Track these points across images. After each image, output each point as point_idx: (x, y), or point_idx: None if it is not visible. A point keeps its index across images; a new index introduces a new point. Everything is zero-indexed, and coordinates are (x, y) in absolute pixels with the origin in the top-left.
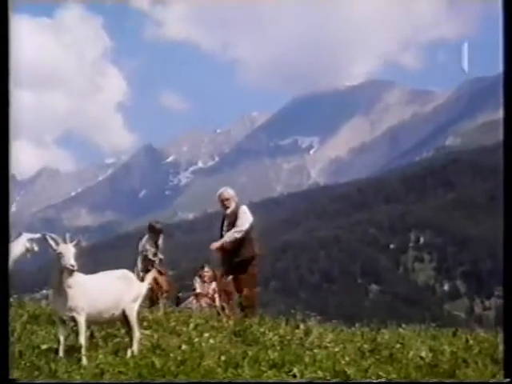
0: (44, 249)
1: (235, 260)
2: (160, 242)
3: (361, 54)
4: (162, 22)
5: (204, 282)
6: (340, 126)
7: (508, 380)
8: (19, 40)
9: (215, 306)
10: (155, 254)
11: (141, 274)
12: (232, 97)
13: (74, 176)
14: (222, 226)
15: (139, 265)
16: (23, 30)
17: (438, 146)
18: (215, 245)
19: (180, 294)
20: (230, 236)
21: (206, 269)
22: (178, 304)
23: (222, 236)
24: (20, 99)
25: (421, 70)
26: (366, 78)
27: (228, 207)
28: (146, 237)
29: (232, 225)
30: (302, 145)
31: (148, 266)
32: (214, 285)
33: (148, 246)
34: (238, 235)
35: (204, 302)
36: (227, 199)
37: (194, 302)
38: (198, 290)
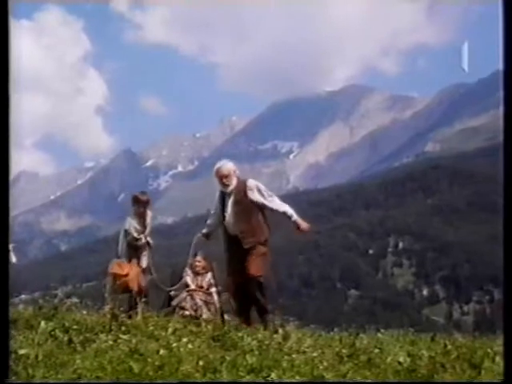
0: (23, 253)
1: (245, 246)
2: (148, 219)
3: (341, 59)
4: (142, 25)
5: (197, 273)
6: (319, 131)
7: (501, 380)
8: None
9: (213, 303)
10: (141, 233)
11: (123, 260)
12: (211, 101)
13: (53, 180)
14: (224, 205)
15: (121, 248)
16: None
17: (417, 151)
18: (305, 224)
19: (172, 293)
20: (293, 213)
21: (198, 258)
22: (169, 301)
23: (224, 217)
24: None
25: (400, 76)
26: (345, 83)
27: (228, 185)
28: (131, 213)
29: (238, 204)
30: (281, 149)
31: (131, 250)
32: (209, 276)
33: (133, 224)
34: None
35: (199, 298)
36: (226, 176)
37: (188, 299)
38: (191, 286)
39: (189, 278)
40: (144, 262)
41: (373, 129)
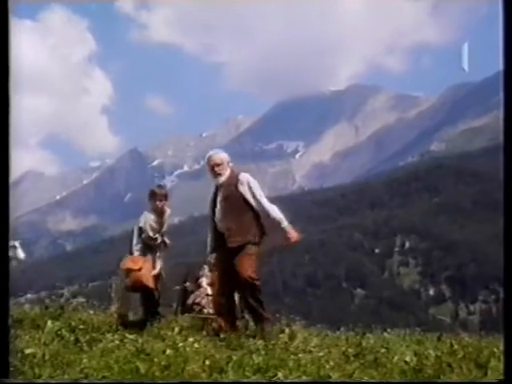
0: (29, 253)
1: (229, 245)
2: (166, 217)
3: (345, 58)
4: (147, 25)
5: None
6: (325, 130)
7: (497, 380)
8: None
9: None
10: (157, 233)
11: (136, 253)
12: (217, 100)
13: (58, 179)
14: (215, 199)
15: (135, 246)
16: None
17: (422, 151)
18: (294, 233)
19: (187, 284)
20: (284, 219)
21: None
22: (184, 298)
23: (214, 213)
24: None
25: (405, 74)
26: (350, 82)
27: (220, 174)
28: (148, 209)
29: (228, 198)
30: (287, 149)
31: (146, 250)
32: None
33: (150, 221)
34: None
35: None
36: (218, 165)
37: (206, 297)
38: (208, 289)
39: (205, 278)
40: (157, 265)
41: (378, 128)
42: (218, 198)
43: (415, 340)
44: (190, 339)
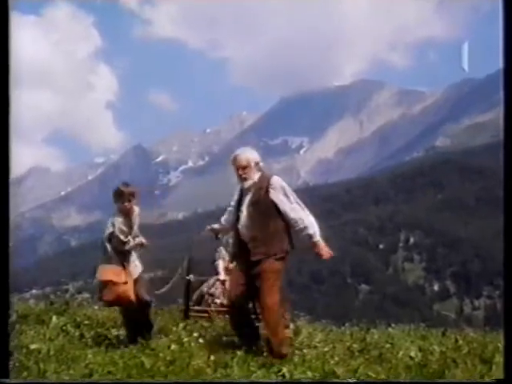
0: (34, 249)
1: (252, 258)
2: (135, 217)
3: (350, 53)
4: (152, 20)
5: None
6: (329, 126)
7: (495, 380)
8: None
9: None
10: (128, 236)
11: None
12: (221, 96)
13: (63, 175)
14: (240, 203)
15: (107, 255)
16: (11, 28)
17: (427, 146)
18: (326, 250)
19: (191, 277)
20: (318, 233)
21: None
22: (188, 290)
23: (238, 217)
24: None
25: (409, 70)
26: (355, 77)
27: (245, 178)
28: (115, 211)
29: (256, 204)
30: (291, 145)
31: (120, 257)
32: None
33: (119, 224)
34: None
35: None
36: (244, 167)
37: (219, 284)
38: (222, 274)
39: (221, 267)
40: (135, 270)
41: (382, 124)
42: (245, 203)
43: (420, 335)
44: (195, 334)
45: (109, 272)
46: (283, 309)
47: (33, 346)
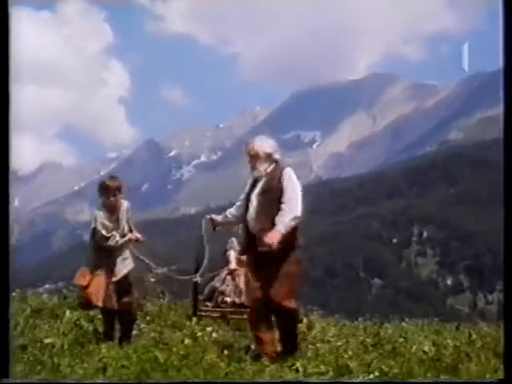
0: (47, 244)
1: (259, 248)
2: (123, 211)
3: (362, 47)
4: (163, 16)
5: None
6: (342, 120)
7: (497, 379)
8: (19, 34)
9: None
10: (112, 231)
11: (92, 261)
12: (234, 91)
13: (76, 170)
14: (250, 191)
15: (90, 252)
16: (23, 24)
17: (440, 140)
18: (274, 237)
19: (198, 278)
20: (287, 224)
21: None
22: (196, 291)
23: (247, 208)
24: (21, 94)
25: (423, 63)
26: (367, 71)
27: (253, 167)
28: (99, 205)
29: (266, 193)
30: (304, 139)
31: (101, 255)
32: None
33: (102, 219)
34: (294, 222)
35: (242, 280)
36: (254, 157)
37: (229, 280)
38: (233, 264)
39: (233, 259)
40: (121, 269)
41: (395, 117)
42: (255, 192)
43: (433, 330)
44: (209, 329)
45: (78, 275)
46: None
47: (47, 341)
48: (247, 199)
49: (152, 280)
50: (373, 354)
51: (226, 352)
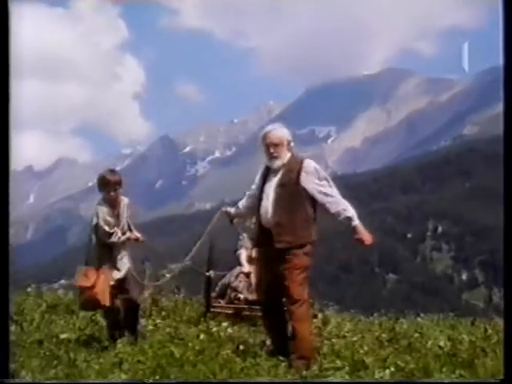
0: (62, 240)
1: (276, 245)
2: (123, 208)
3: (378, 42)
4: (178, 11)
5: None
6: (357, 115)
7: (498, 380)
8: (35, 30)
9: None
10: (114, 227)
11: (95, 259)
12: (248, 86)
13: (90, 166)
14: (264, 183)
15: (90, 251)
16: (39, 20)
17: (454, 135)
18: (367, 236)
19: (211, 273)
20: (355, 216)
21: None
22: (209, 287)
23: (261, 201)
24: (36, 89)
25: (437, 58)
26: (383, 66)
27: (276, 157)
28: (99, 201)
29: (284, 187)
30: (319, 134)
31: (104, 252)
32: None
33: (103, 214)
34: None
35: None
36: (276, 145)
37: (242, 276)
38: (245, 266)
39: (243, 258)
40: (123, 267)
41: (410, 112)
42: (271, 185)
43: (449, 325)
44: (224, 324)
45: (79, 276)
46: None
47: (63, 336)
48: (261, 191)
49: (167, 275)
50: (388, 349)
51: (241, 347)
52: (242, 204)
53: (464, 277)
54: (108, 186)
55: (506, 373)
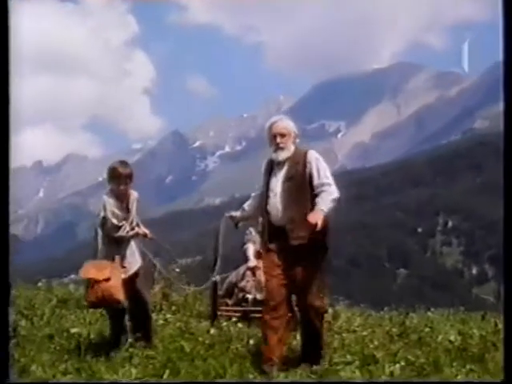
0: (72, 235)
1: (291, 242)
2: (132, 202)
3: (388, 36)
4: (187, 6)
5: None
6: (367, 109)
7: (501, 380)
8: (45, 25)
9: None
10: (122, 221)
11: (101, 255)
12: (257, 81)
13: (100, 162)
14: (269, 178)
15: (98, 245)
16: (49, 16)
17: (464, 128)
18: (317, 216)
19: (217, 278)
20: (328, 204)
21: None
22: (215, 292)
23: (268, 196)
24: (46, 85)
25: (447, 51)
26: (392, 60)
27: (282, 148)
28: (107, 193)
29: (292, 180)
30: (328, 129)
31: (112, 246)
32: None
33: (111, 207)
34: (334, 204)
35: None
36: (283, 135)
37: (249, 275)
38: (252, 260)
39: (251, 245)
40: (132, 264)
41: (420, 106)
42: (277, 179)
43: (459, 319)
44: (234, 318)
45: (90, 268)
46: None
47: (73, 330)
48: (267, 188)
49: (177, 270)
50: (398, 343)
51: (251, 342)
52: (248, 205)
53: (474, 271)
54: (119, 178)
55: (506, 373)
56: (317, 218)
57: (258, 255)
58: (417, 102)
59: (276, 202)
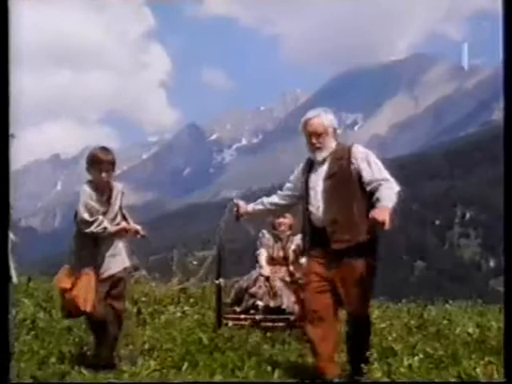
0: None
1: (333, 246)
2: (116, 195)
3: (405, 27)
4: None
5: (279, 238)
6: (384, 102)
7: (504, 380)
8: (62, 19)
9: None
10: (99, 215)
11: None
12: (274, 73)
13: (117, 155)
14: (308, 178)
15: (74, 244)
16: (66, 10)
17: (482, 120)
18: (383, 213)
19: (220, 281)
20: (392, 199)
21: (281, 219)
22: (219, 296)
23: (308, 195)
24: (63, 78)
25: (465, 43)
26: (409, 51)
27: (319, 148)
28: (86, 182)
29: (335, 177)
30: (346, 121)
31: (88, 246)
32: (297, 240)
33: (87, 199)
34: (397, 198)
35: (279, 278)
36: (319, 135)
37: (262, 280)
38: (265, 269)
39: (264, 251)
40: (110, 266)
41: (437, 98)
42: (318, 178)
43: (477, 312)
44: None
45: (62, 275)
46: None
47: None
48: (306, 186)
49: (194, 263)
50: (417, 336)
51: (269, 334)
52: (270, 202)
53: (492, 263)
54: (99, 165)
55: (506, 373)
56: (383, 215)
57: (272, 261)
58: (434, 94)
59: (317, 201)
